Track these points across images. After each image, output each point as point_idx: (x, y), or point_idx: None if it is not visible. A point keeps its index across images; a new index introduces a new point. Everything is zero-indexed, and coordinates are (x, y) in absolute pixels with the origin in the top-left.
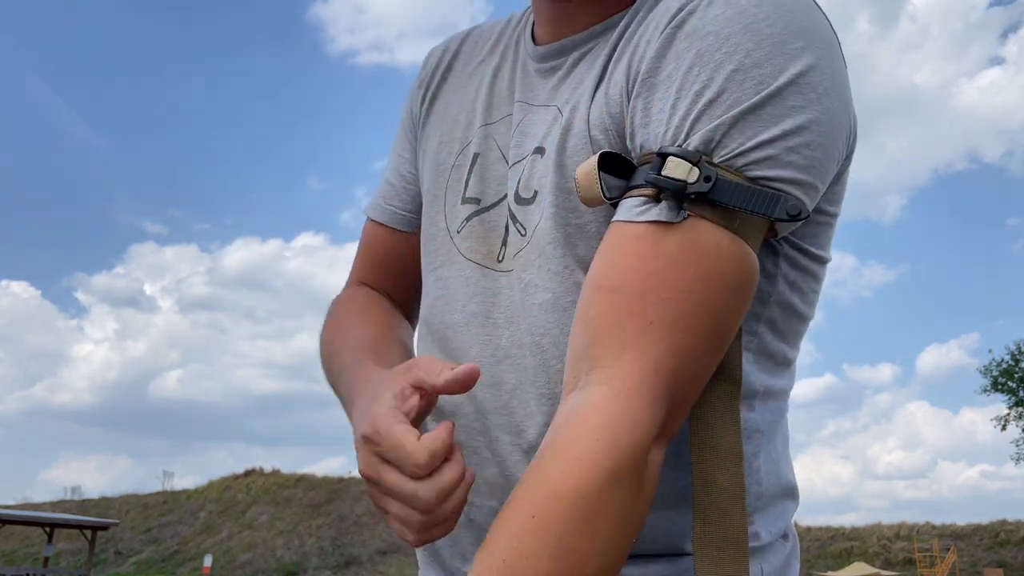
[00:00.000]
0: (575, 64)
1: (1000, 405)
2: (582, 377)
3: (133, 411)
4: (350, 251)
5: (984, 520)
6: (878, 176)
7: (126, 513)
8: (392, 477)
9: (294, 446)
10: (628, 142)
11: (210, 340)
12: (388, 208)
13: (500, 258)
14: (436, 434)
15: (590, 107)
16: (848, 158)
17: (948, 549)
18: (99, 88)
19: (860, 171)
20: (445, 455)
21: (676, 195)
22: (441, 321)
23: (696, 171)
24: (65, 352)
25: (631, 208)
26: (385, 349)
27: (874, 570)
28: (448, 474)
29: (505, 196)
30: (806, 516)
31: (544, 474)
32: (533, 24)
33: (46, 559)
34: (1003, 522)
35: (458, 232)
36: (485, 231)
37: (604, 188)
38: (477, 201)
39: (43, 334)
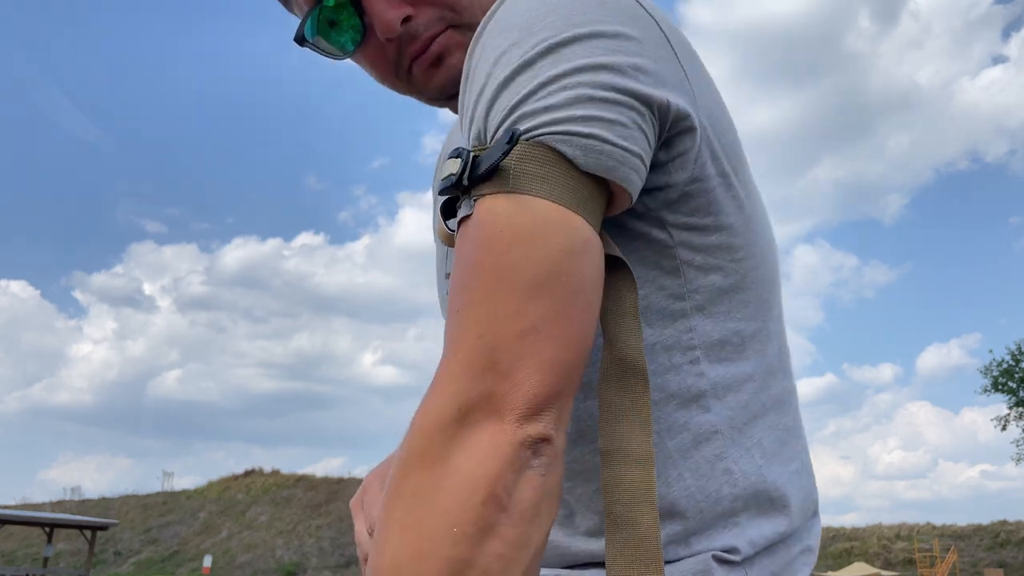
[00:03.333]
0: None
1: (1001, 405)
2: None
3: (132, 411)
4: (349, 250)
5: (984, 520)
6: (879, 175)
7: (126, 513)
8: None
9: (294, 446)
10: None
11: (209, 340)
12: None
13: None
14: None
15: None
16: (688, 118)
17: (948, 549)
18: (99, 87)
19: (861, 170)
20: None
21: (464, 191)
22: None
23: (459, 161)
24: (64, 352)
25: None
26: None
27: (874, 570)
28: None
29: None
30: None
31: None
32: None
33: (46, 559)
34: (1003, 522)
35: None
36: None
37: (446, 223)
38: (448, 276)
39: (42, 334)
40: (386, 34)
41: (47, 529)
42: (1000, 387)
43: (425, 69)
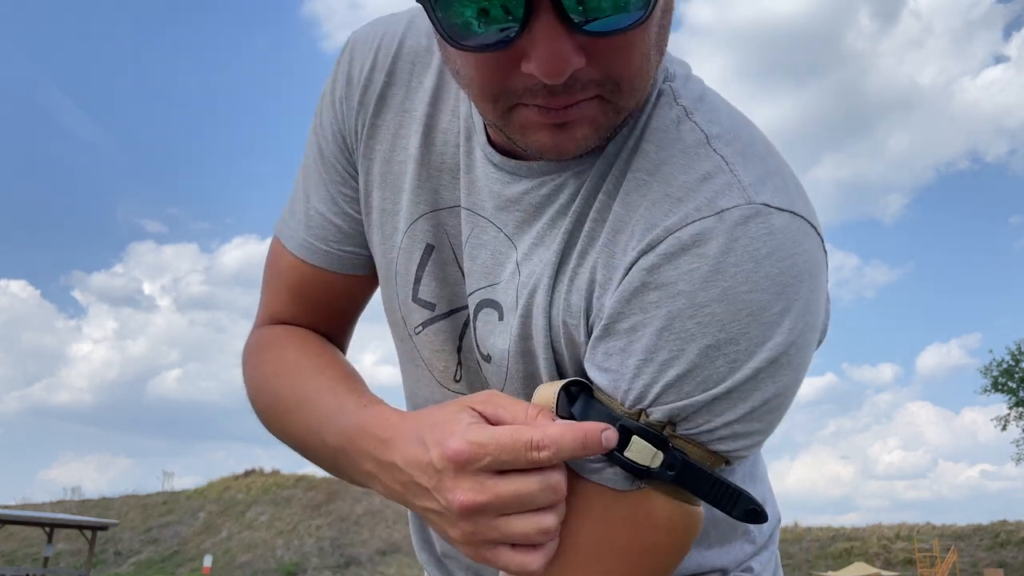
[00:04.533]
0: (536, 206)
1: (1001, 405)
2: None
3: (133, 411)
4: None
5: (984, 520)
6: (880, 175)
7: (126, 513)
8: (512, 484)
9: None
10: (584, 364)
11: (208, 339)
12: (333, 252)
13: (457, 378)
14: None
15: (551, 300)
16: None
17: (948, 549)
18: (99, 86)
19: (862, 170)
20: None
21: (637, 473)
22: None
23: (660, 456)
24: (64, 352)
25: (584, 460)
26: (363, 386)
27: (874, 570)
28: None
29: (460, 308)
30: (807, 516)
31: None
32: None
33: (46, 559)
34: (1003, 522)
35: (416, 333)
36: (440, 343)
37: (558, 409)
38: (432, 307)
39: (42, 333)
40: (549, 76)
41: (47, 529)
42: (1000, 387)
43: (542, 124)
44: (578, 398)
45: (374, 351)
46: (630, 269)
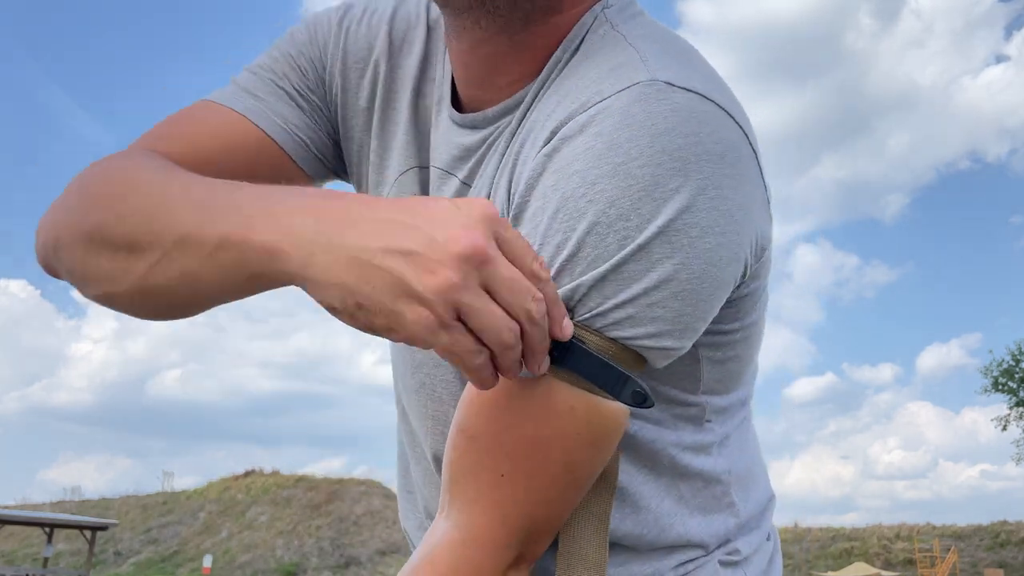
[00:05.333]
0: (485, 147)
1: (1001, 405)
2: (444, 508)
3: (132, 411)
4: None
5: (984, 520)
6: (880, 174)
7: (126, 513)
8: (513, 269)
9: (294, 446)
10: None
11: (208, 339)
12: (289, 131)
13: None
14: None
15: None
16: (751, 276)
17: (948, 549)
18: (99, 84)
19: (862, 170)
20: None
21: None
22: (397, 380)
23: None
24: (64, 352)
25: None
26: None
27: (875, 570)
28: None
29: None
30: (806, 516)
31: None
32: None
33: (46, 559)
34: (1003, 522)
35: None
36: None
37: None
38: None
39: (42, 333)
40: None
41: (47, 529)
42: (1000, 387)
43: None
44: None
45: (373, 351)
46: (536, 156)
